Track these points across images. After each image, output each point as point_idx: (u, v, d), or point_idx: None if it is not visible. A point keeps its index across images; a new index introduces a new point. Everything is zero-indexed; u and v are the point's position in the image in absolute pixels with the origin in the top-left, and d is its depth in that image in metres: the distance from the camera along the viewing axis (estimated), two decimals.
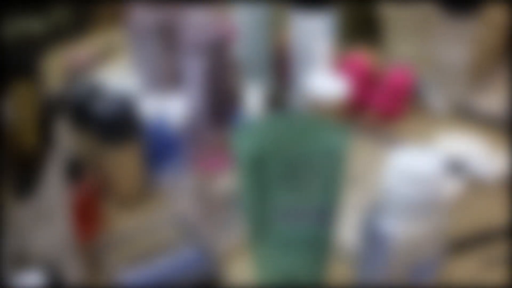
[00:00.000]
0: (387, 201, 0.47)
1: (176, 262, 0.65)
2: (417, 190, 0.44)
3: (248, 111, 0.79)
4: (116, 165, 0.72)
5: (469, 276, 0.65)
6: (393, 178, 0.45)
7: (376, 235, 0.47)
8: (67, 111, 0.56)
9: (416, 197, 0.45)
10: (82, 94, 0.71)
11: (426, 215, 0.46)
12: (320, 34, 0.88)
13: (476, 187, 0.78)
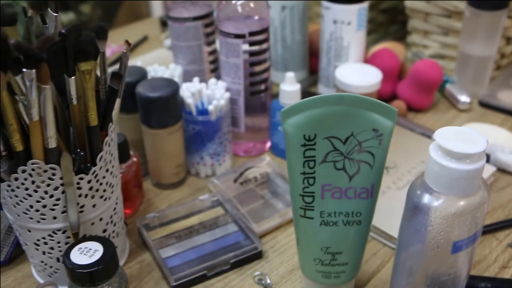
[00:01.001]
0: (429, 177, 0.50)
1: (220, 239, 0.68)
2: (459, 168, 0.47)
3: (283, 99, 0.82)
4: (160, 145, 0.75)
5: (495, 258, 0.68)
6: (436, 156, 0.48)
7: (418, 208, 0.50)
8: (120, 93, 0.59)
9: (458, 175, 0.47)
10: (131, 79, 0.75)
11: (466, 192, 0.48)
12: (351, 26, 0.90)
13: (502, 175, 0.81)
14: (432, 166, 0.48)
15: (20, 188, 0.55)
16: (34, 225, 0.58)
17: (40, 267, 0.63)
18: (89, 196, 0.58)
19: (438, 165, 0.47)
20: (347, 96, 0.51)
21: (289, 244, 0.70)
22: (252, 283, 0.64)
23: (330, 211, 0.55)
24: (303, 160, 0.53)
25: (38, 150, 0.52)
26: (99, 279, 0.55)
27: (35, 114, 0.50)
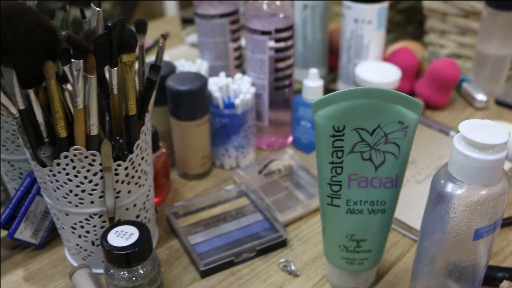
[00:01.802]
0: (453, 167, 0.52)
1: (246, 227, 0.71)
2: (481, 158, 0.50)
3: (306, 94, 0.84)
4: (188, 137, 0.78)
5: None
6: (460, 147, 0.51)
7: (442, 196, 0.53)
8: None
9: (480, 165, 0.50)
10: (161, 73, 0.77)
11: (488, 182, 0.51)
12: (371, 25, 0.93)
13: None
14: (456, 157, 0.50)
15: (61, 173, 0.58)
16: (72, 209, 0.61)
17: (75, 250, 0.66)
18: (125, 182, 0.61)
19: (462, 155, 0.49)
20: (375, 89, 0.53)
21: (312, 234, 0.73)
22: (277, 269, 0.67)
23: (356, 199, 0.57)
24: (332, 150, 0.56)
25: (80, 137, 0.55)
26: (134, 261, 0.58)
27: (80, 103, 0.53)
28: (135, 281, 0.58)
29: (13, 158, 0.71)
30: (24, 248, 0.72)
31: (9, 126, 0.68)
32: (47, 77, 0.51)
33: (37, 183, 0.69)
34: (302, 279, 0.66)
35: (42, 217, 0.70)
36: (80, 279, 0.63)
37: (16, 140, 0.69)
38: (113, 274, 0.58)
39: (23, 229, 0.69)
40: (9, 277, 0.68)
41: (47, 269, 0.69)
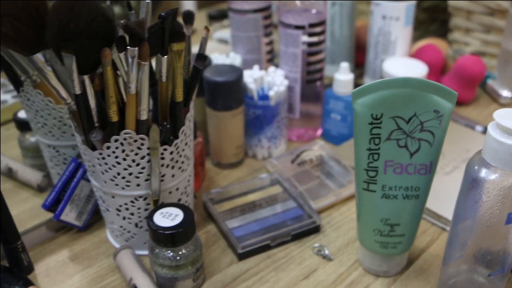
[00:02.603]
0: (487, 153, 0.55)
1: (280, 213, 0.74)
2: None
3: (337, 87, 0.87)
4: (223, 127, 0.81)
5: None
6: (495, 134, 0.53)
7: (476, 181, 0.55)
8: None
9: None
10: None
11: None
12: (399, 22, 0.95)
13: None
14: (490, 143, 0.53)
15: (110, 156, 0.61)
16: (118, 192, 0.64)
17: (119, 232, 0.69)
18: (170, 166, 0.64)
19: (497, 142, 0.52)
20: (412, 79, 0.56)
21: (343, 221, 0.75)
22: (311, 254, 0.70)
23: (391, 185, 0.60)
24: (370, 137, 0.58)
25: (131, 121, 0.58)
26: (179, 241, 0.61)
27: (132, 88, 0.56)
28: (179, 261, 0.61)
29: (59, 144, 0.74)
30: (67, 231, 0.75)
31: (56, 113, 0.71)
32: (104, 64, 0.54)
33: (82, 167, 0.72)
34: (335, 263, 0.68)
35: (86, 201, 0.74)
36: (124, 259, 0.66)
37: (62, 127, 0.72)
38: (158, 254, 0.61)
39: (68, 212, 0.72)
40: (56, 257, 0.71)
41: (91, 250, 0.72)
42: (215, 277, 0.67)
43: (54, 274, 0.68)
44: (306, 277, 0.66)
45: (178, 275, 0.62)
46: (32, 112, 0.72)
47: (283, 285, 0.65)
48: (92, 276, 0.68)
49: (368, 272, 0.67)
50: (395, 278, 0.66)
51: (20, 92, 0.71)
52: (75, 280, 0.67)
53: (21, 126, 0.84)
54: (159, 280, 0.63)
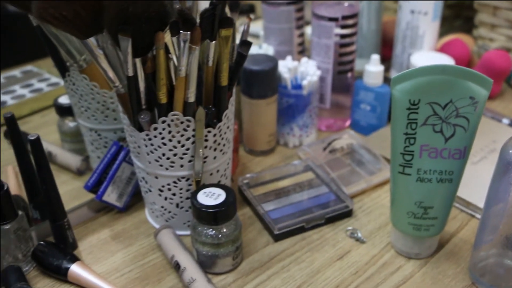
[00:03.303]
0: None
1: (314, 198, 0.77)
2: None
3: (368, 78, 0.90)
4: (257, 115, 0.84)
5: None
6: None
7: (510, 163, 0.58)
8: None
9: None
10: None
11: None
12: (427, 16, 0.98)
13: None
14: None
15: (157, 137, 0.64)
16: (162, 172, 0.67)
17: (159, 212, 0.72)
18: (212, 148, 0.67)
19: None
20: (449, 66, 0.59)
21: (374, 206, 0.78)
22: (345, 236, 0.72)
23: (426, 169, 0.63)
24: (407, 122, 0.61)
25: (179, 103, 0.61)
26: (221, 219, 0.63)
27: (183, 71, 0.59)
28: (220, 239, 0.64)
29: (101, 127, 0.77)
30: (108, 211, 0.78)
31: (100, 97, 0.74)
32: (157, 47, 0.57)
33: (124, 150, 0.75)
34: (368, 245, 0.71)
35: (126, 183, 0.77)
36: (165, 238, 0.69)
37: (105, 111, 0.75)
38: (200, 232, 0.64)
39: (110, 192, 0.75)
40: (97, 235, 0.74)
41: (131, 230, 0.75)
42: (252, 256, 0.69)
43: (97, 252, 0.71)
44: (340, 258, 0.69)
45: (219, 253, 0.65)
46: (76, 97, 0.75)
47: (318, 265, 0.68)
48: (133, 254, 0.70)
49: (400, 254, 0.69)
50: (426, 260, 0.68)
51: (66, 77, 0.74)
52: (117, 257, 0.70)
53: (61, 111, 0.87)
54: (200, 258, 0.66)
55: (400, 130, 0.61)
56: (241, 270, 0.68)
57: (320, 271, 0.67)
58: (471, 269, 0.65)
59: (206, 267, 0.66)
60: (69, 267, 0.66)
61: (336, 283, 0.65)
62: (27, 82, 1.12)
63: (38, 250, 0.68)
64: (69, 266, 0.66)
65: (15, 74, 1.17)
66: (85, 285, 0.65)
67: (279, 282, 0.65)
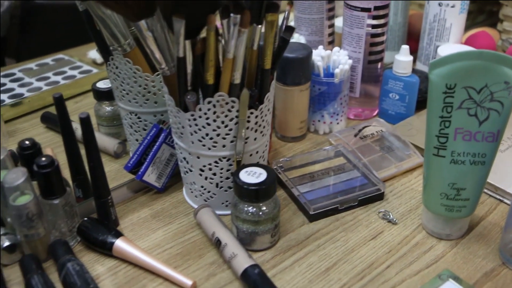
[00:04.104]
0: None
1: (346, 181, 0.79)
2: None
3: (397, 68, 0.92)
4: (290, 101, 0.87)
5: None
6: None
7: None
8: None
9: None
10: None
11: None
12: (454, 9, 1.00)
13: None
14: None
15: (201, 117, 0.67)
16: (204, 152, 0.70)
17: (198, 192, 0.75)
18: (253, 130, 0.69)
19: None
20: (485, 52, 0.61)
21: (405, 191, 0.80)
22: (377, 218, 0.75)
23: (459, 151, 0.65)
24: (443, 106, 0.64)
25: (225, 85, 0.64)
26: (262, 196, 0.66)
27: (231, 53, 0.62)
28: (260, 216, 0.67)
29: (141, 110, 0.80)
30: (146, 192, 0.81)
31: (142, 80, 0.77)
32: (208, 29, 0.59)
33: (164, 132, 0.78)
34: (400, 226, 0.74)
35: (165, 164, 0.80)
36: (205, 216, 0.72)
37: (146, 94, 0.78)
38: (241, 209, 0.67)
39: (150, 173, 0.78)
40: (138, 214, 0.77)
41: (170, 209, 0.78)
42: (289, 235, 0.72)
43: (138, 229, 0.74)
44: (374, 238, 0.72)
45: (258, 230, 0.67)
46: (119, 80, 0.78)
47: (352, 244, 0.71)
48: (174, 231, 0.73)
49: (431, 235, 0.72)
50: (457, 241, 0.71)
51: (109, 61, 0.77)
52: (158, 234, 0.73)
53: (98, 95, 0.90)
54: (240, 235, 0.68)
55: (436, 113, 0.64)
56: (278, 247, 0.70)
57: (355, 250, 0.70)
58: (501, 250, 0.68)
59: (245, 244, 0.68)
60: (114, 242, 0.68)
61: (371, 260, 0.68)
62: (59, 70, 1.16)
63: (83, 226, 0.71)
64: (114, 241, 0.68)
65: (47, 62, 1.20)
66: (129, 259, 0.68)
67: (315, 259, 0.68)
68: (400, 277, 0.65)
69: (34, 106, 1.04)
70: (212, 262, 0.68)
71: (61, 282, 0.65)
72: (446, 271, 0.64)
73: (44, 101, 1.05)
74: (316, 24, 0.97)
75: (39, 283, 0.63)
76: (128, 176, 0.80)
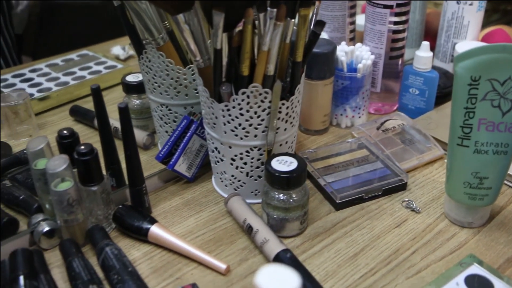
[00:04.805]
0: None
1: (370, 172, 0.82)
2: None
3: (417, 63, 0.95)
4: (315, 95, 0.90)
5: None
6: None
7: None
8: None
9: None
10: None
11: None
12: (472, 7, 1.03)
13: None
14: None
15: (235, 108, 0.69)
16: (236, 142, 0.73)
17: (229, 181, 0.78)
18: (284, 120, 0.72)
19: None
20: (509, 45, 0.64)
21: (426, 181, 0.83)
22: (401, 207, 0.78)
23: (483, 141, 0.68)
24: (467, 97, 0.66)
25: (259, 76, 0.67)
26: (293, 184, 0.69)
27: (266, 46, 0.65)
28: (291, 203, 0.70)
29: (172, 102, 0.83)
30: (176, 181, 0.84)
31: (174, 73, 0.80)
32: (246, 22, 0.62)
33: (194, 124, 0.81)
34: (423, 215, 0.76)
35: (196, 154, 0.83)
36: (236, 204, 0.75)
37: (178, 87, 0.81)
38: (273, 196, 0.70)
39: (181, 163, 0.81)
40: (169, 202, 0.80)
41: (200, 198, 0.81)
42: (316, 223, 0.75)
43: (171, 216, 0.77)
44: (398, 226, 0.74)
45: (289, 217, 0.70)
46: (151, 73, 0.81)
47: (378, 231, 0.73)
48: (205, 219, 0.76)
49: (453, 223, 0.75)
50: (479, 229, 0.74)
51: (142, 54, 0.80)
52: (190, 222, 0.76)
53: (128, 88, 0.93)
54: (270, 222, 0.71)
55: (460, 105, 0.67)
56: (307, 234, 0.73)
57: (381, 237, 0.72)
58: None
59: (275, 230, 0.71)
60: (150, 227, 0.71)
61: (397, 246, 0.71)
62: (85, 65, 1.19)
63: (119, 213, 0.74)
64: (150, 227, 0.71)
65: (72, 57, 1.23)
66: (164, 244, 0.70)
67: (343, 245, 0.71)
68: (425, 262, 0.68)
69: (62, 100, 1.07)
70: (244, 247, 0.71)
71: (100, 265, 0.67)
72: (470, 255, 0.67)
73: (71, 95, 1.08)
74: (338, 21, 1.00)
75: (79, 265, 0.66)
76: (157, 167, 0.83)
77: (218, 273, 0.67)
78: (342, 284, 0.65)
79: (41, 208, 0.74)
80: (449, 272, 0.64)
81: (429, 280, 0.65)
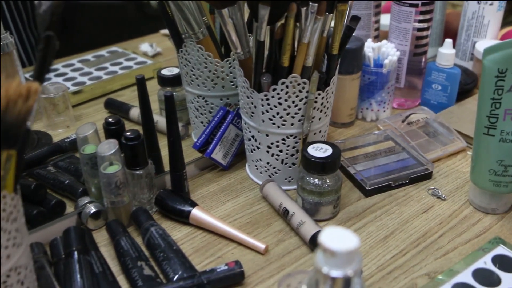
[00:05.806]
0: None
1: (396, 162, 0.86)
2: None
3: (440, 60, 1.00)
4: (342, 89, 0.94)
5: None
6: None
7: None
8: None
9: None
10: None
11: None
12: (492, 6, 1.07)
13: None
14: None
15: (274, 97, 0.74)
16: (274, 130, 0.77)
17: (264, 169, 0.82)
18: (319, 110, 0.77)
19: None
20: None
21: (450, 171, 0.88)
22: (427, 194, 0.82)
23: (508, 130, 0.72)
24: (494, 89, 0.71)
25: (298, 67, 0.71)
26: (328, 169, 0.73)
27: (306, 38, 0.69)
28: (325, 188, 0.74)
29: (209, 94, 0.87)
30: (211, 169, 0.89)
31: (212, 66, 0.84)
32: (289, 16, 0.67)
33: (230, 114, 0.85)
34: (449, 202, 0.81)
35: (231, 143, 0.87)
36: (271, 189, 0.79)
37: (215, 79, 0.85)
38: (308, 181, 0.74)
39: (217, 151, 0.86)
40: (206, 188, 0.84)
41: (236, 185, 0.85)
42: (347, 208, 0.79)
43: (209, 201, 0.81)
44: (425, 211, 0.79)
45: (323, 201, 0.74)
46: (189, 66, 0.85)
47: (406, 216, 0.78)
48: (241, 204, 0.81)
49: (478, 210, 0.79)
50: (502, 215, 0.78)
51: (182, 48, 0.85)
52: (228, 206, 0.80)
53: (163, 81, 0.98)
54: (305, 205, 0.76)
55: (487, 96, 0.71)
56: (339, 218, 0.77)
57: (409, 221, 0.77)
58: None
59: (310, 214, 0.75)
60: (191, 210, 0.76)
61: (425, 230, 0.75)
62: (116, 61, 1.23)
63: (160, 196, 0.78)
64: (191, 210, 0.76)
65: (102, 54, 1.28)
66: (205, 226, 0.75)
67: (374, 229, 0.75)
68: (452, 245, 0.72)
69: (95, 93, 1.11)
70: (280, 230, 0.75)
71: (145, 244, 0.72)
72: (496, 238, 0.71)
73: (104, 89, 1.12)
74: (364, 19, 1.04)
75: (127, 243, 0.70)
76: (193, 156, 0.87)
77: (257, 253, 0.71)
78: (375, 263, 0.69)
79: (87, 191, 0.78)
80: (476, 253, 0.69)
81: (456, 260, 0.69)
